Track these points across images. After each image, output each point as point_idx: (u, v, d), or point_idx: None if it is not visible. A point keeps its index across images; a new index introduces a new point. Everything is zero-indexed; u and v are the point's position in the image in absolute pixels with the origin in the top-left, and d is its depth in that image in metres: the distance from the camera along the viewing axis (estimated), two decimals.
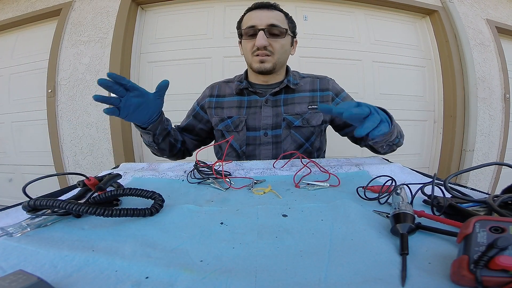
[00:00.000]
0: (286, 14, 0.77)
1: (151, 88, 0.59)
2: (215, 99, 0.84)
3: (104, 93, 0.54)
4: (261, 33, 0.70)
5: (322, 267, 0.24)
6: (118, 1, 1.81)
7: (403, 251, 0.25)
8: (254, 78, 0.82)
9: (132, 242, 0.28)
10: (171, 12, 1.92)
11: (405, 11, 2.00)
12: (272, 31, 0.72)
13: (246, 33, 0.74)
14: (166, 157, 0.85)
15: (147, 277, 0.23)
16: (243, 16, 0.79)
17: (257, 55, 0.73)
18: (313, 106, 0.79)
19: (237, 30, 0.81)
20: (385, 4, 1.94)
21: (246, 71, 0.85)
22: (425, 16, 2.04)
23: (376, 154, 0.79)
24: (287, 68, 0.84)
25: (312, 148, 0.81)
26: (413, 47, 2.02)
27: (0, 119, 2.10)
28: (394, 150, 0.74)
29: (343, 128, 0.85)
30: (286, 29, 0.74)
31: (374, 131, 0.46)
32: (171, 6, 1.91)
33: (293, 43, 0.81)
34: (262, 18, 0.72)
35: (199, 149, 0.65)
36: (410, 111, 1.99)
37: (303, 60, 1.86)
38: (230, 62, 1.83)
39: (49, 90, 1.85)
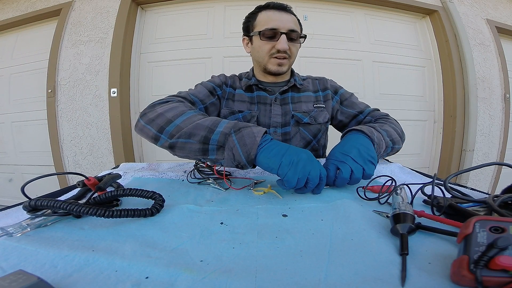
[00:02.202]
0: (297, 18, 0.78)
1: (151, 88, 0.59)
2: (228, 89, 0.82)
3: None
4: (284, 36, 0.71)
5: (322, 267, 0.24)
6: (118, 1, 1.81)
7: (403, 251, 0.25)
8: (262, 77, 0.82)
9: (132, 242, 0.28)
10: (171, 12, 1.92)
11: (405, 11, 2.00)
12: (292, 36, 0.73)
13: (265, 34, 0.73)
14: None
15: (147, 277, 0.23)
16: (255, 13, 0.77)
17: (276, 58, 0.74)
18: (318, 105, 0.82)
19: (246, 26, 0.79)
20: (385, 4, 1.94)
21: (252, 69, 0.85)
22: (425, 16, 2.04)
23: None
24: (292, 69, 0.86)
25: (318, 146, 0.84)
26: (413, 47, 2.02)
27: (0, 119, 2.10)
28: (394, 154, 0.73)
29: (341, 128, 0.88)
30: (303, 36, 0.76)
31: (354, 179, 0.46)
32: (171, 6, 1.91)
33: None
34: (284, 22, 0.72)
35: None
36: (410, 111, 1.99)
37: (303, 60, 1.86)
38: (230, 62, 1.83)
39: (49, 90, 1.85)
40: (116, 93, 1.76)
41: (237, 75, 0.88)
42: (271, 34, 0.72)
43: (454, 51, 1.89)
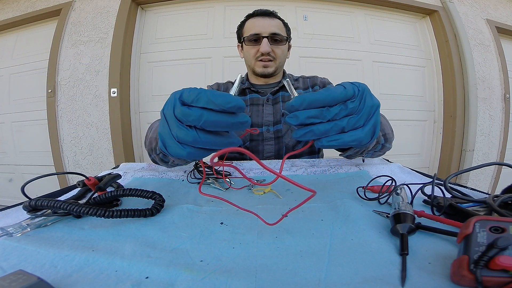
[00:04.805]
0: (283, 21, 0.83)
1: (151, 88, 0.59)
2: None
3: None
4: (265, 40, 0.76)
5: (322, 267, 0.24)
6: (118, 1, 1.81)
7: (403, 251, 0.25)
8: (254, 80, 0.87)
9: (132, 242, 0.28)
10: (171, 12, 1.92)
11: (405, 11, 2.00)
12: (275, 38, 0.78)
13: (249, 39, 0.79)
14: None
15: (147, 277, 0.23)
16: (244, 21, 0.84)
17: (261, 60, 0.79)
18: None
19: (237, 34, 0.86)
20: (385, 4, 1.94)
21: (247, 74, 0.89)
22: (425, 16, 2.04)
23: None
24: (283, 71, 0.90)
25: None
26: (413, 47, 2.02)
27: (0, 119, 2.10)
28: (378, 156, 0.62)
29: None
30: (286, 37, 0.81)
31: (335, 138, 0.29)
32: (171, 6, 1.91)
33: (289, 48, 0.87)
34: (265, 26, 0.77)
35: None
36: (410, 111, 1.99)
37: (303, 60, 1.86)
38: (230, 62, 1.83)
39: (49, 90, 1.85)
40: (116, 93, 1.76)
41: (232, 81, 0.92)
42: (255, 39, 0.78)
43: (454, 51, 1.89)
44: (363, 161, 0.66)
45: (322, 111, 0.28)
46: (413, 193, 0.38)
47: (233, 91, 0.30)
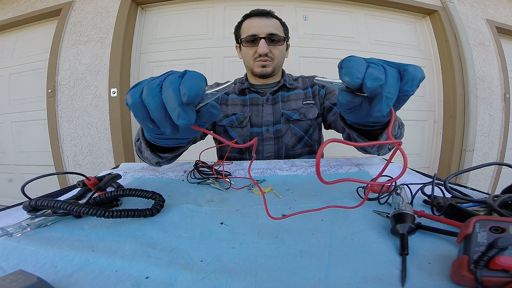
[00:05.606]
0: (280, 21, 0.83)
1: None
2: (221, 95, 0.87)
3: None
4: (262, 41, 0.76)
5: (322, 267, 0.24)
6: (118, 1, 1.81)
7: (403, 251, 0.25)
8: (253, 80, 0.87)
9: (132, 242, 0.28)
10: (171, 12, 1.92)
11: (405, 11, 2.00)
12: (272, 39, 0.78)
13: (247, 40, 0.79)
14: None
15: (147, 277, 0.23)
16: (241, 22, 0.84)
17: (259, 61, 0.79)
18: (307, 102, 0.84)
19: (235, 34, 0.86)
20: (385, 4, 1.94)
21: (246, 74, 0.89)
22: (425, 16, 2.04)
23: (372, 155, 0.78)
24: (282, 70, 0.90)
25: (311, 141, 0.85)
26: (413, 47, 2.02)
27: (0, 119, 2.10)
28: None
29: (324, 124, 0.88)
30: (284, 37, 0.81)
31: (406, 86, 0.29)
32: (171, 6, 1.91)
33: (287, 47, 0.87)
34: (262, 27, 0.77)
35: (203, 150, 0.65)
36: (410, 111, 1.99)
37: (303, 60, 1.86)
38: (230, 62, 1.83)
39: (49, 90, 1.85)
40: (116, 93, 1.76)
41: (232, 81, 0.90)
42: (252, 40, 0.78)
43: (454, 51, 1.89)
44: (389, 149, 0.60)
45: (375, 65, 0.28)
46: (413, 193, 0.38)
47: (198, 105, 0.28)
